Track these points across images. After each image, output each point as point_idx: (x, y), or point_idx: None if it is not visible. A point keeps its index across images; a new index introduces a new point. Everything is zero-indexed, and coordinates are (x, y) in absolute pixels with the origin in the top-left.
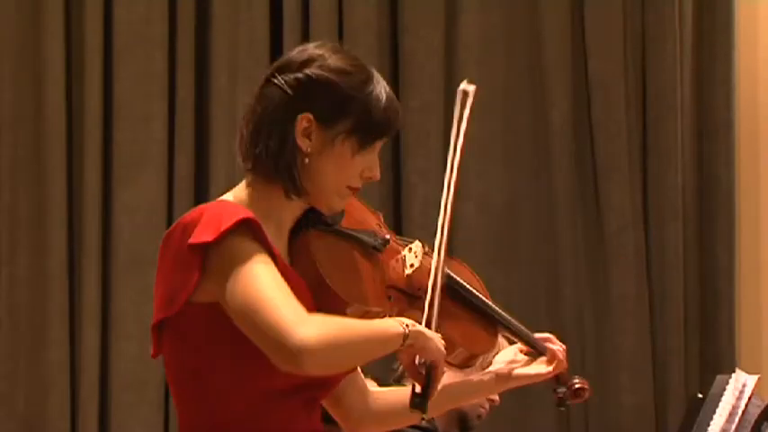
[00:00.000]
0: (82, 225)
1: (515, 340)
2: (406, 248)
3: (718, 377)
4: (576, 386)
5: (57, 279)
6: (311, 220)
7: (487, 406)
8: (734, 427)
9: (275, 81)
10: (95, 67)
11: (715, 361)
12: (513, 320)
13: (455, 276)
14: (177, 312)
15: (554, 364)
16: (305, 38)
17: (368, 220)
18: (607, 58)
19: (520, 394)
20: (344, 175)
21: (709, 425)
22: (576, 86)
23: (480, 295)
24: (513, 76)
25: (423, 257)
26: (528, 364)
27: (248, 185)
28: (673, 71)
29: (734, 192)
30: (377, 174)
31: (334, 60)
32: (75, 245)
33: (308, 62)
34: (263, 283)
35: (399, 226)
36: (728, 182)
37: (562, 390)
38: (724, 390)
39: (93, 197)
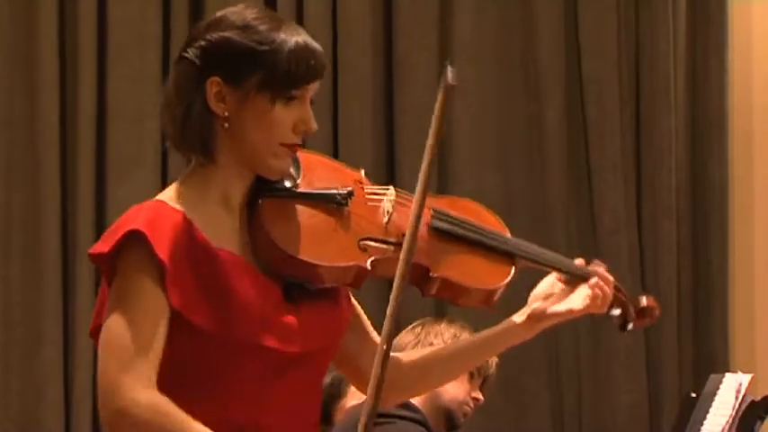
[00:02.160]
0: (76, 224)
1: (546, 269)
2: (381, 197)
3: (712, 376)
4: (644, 305)
5: (50, 278)
6: (263, 189)
7: (472, 404)
8: (727, 426)
9: (184, 54)
10: (89, 66)
11: (709, 360)
12: (532, 247)
13: (444, 211)
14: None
15: (595, 290)
16: None
17: (337, 177)
18: (601, 57)
19: (514, 393)
20: (271, 132)
21: (702, 424)
22: (569, 86)
23: (478, 227)
24: (506, 76)
25: (399, 202)
26: (567, 294)
27: (182, 174)
28: (666, 70)
29: (727, 191)
30: (311, 125)
31: (235, 17)
32: (68, 244)
33: (210, 26)
34: (126, 331)
35: None
36: (722, 181)
37: (617, 311)
38: (717, 389)
39: (86, 196)
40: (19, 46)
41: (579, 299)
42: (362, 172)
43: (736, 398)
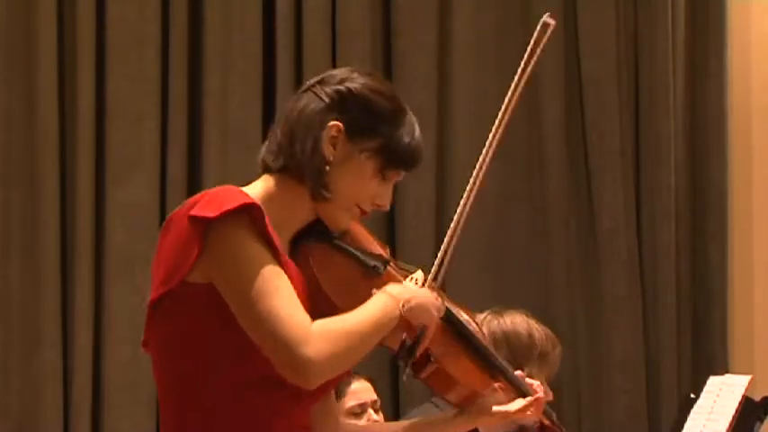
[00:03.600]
0: (74, 225)
1: (502, 379)
2: (408, 278)
3: (711, 378)
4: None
5: (49, 279)
6: (315, 232)
7: None
8: (726, 427)
9: (314, 90)
10: (88, 66)
11: (707, 361)
12: (504, 362)
13: (455, 312)
14: (173, 289)
15: (533, 407)
16: (298, 38)
17: (373, 245)
18: (600, 58)
19: None
20: (359, 193)
21: (701, 426)
22: (569, 87)
23: (478, 335)
24: (505, 77)
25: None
26: (510, 401)
27: (265, 183)
28: (665, 71)
29: (726, 192)
30: (386, 204)
31: (373, 82)
32: (67, 245)
33: (347, 79)
34: (269, 288)
35: (392, 226)
36: (721, 181)
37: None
38: (716, 390)
39: (85, 197)
40: (17, 46)
41: (515, 406)
42: (387, 249)
43: (735, 399)
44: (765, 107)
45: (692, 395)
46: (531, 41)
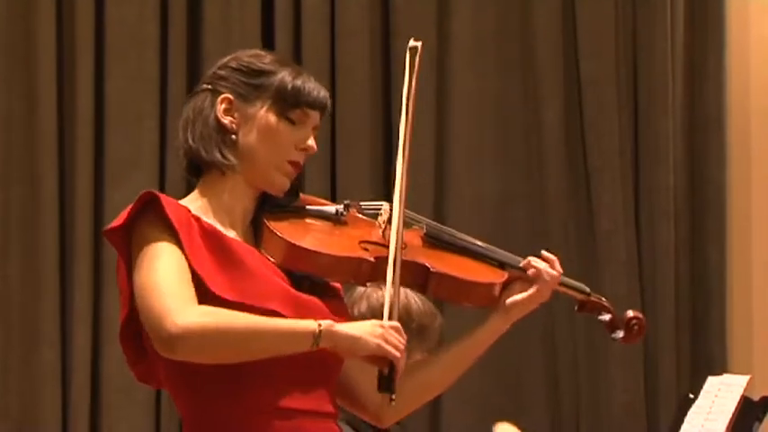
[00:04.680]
0: (74, 225)
1: (511, 269)
2: (375, 211)
3: (709, 378)
4: (629, 316)
5: (48, 279)
6: (266, 206)
7: None
8: (725, 428)
9: (194, 91)
10: (87, 66)
11: (706, 360)
12: (508, 254)
13: (438, 228)
14: (131, 311)
15: (540, 281)
16: (297, 38)
17: (326, 203)
18: (599, 57)
19: (512, 393)
20: (277, 147)
21: (700, 425)
22: (567, 86)
23: (467, 240)
24: (505, 77)
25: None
26: (523, 290)
27: (196, 189)
28: (664, 70)
29: (725, 191)
30: (311, 146)
31: (244, 52)
32: (66, 245)
33: (218, 65)
34: (155, 269)
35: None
36: (719, 180)
37: (607, 317)
38: (715, 390)
39: (84, 197)
40: (17, 46)
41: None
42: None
43: (734, 399)
44: (764, 107)
45: (691, 395)
46: (406, 68)
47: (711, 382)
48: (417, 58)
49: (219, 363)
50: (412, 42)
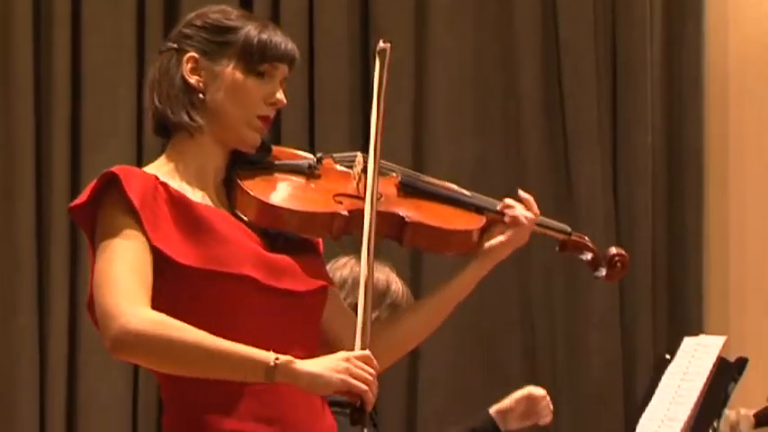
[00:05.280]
0: (50, 192)
1: (489, 213)
2: (350, 162)
3: (686, 339)
4: (612, 253)
5: (25, 246)
6: (238, 164)
7: None
8: (701, 388)
9: (159, 52)
10: (64, 35)
11: (683, 322)
12: (487, 199)
13: (413, 176)
14: None
15: (517, 225)
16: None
17: (300, 156)
18: (577, 21)
19: (488, 354)
20: (245, 102)
21: (676, 386)
22: (546, 51)
23: (444, 185)
24: (483, 42)
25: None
26: (502, 233)
27: (166, 152)
28: (642, 34)
29: (703, 155)
30: (281, 99)
31: (207, 9)
32: (43, 212)
33: (182, 23)
34: (112, 261)
35: None
36: (697, 144)
37: (589, 256)
38: (691, 351)
39: (61, 165)
40: None
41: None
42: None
43: (710, 360)
44: (742, 71)
45: (667, 356)
46: (377, 69)
47: (688, 343)
48: (387, 60)
49: (162, 371)
50: (381, 44)
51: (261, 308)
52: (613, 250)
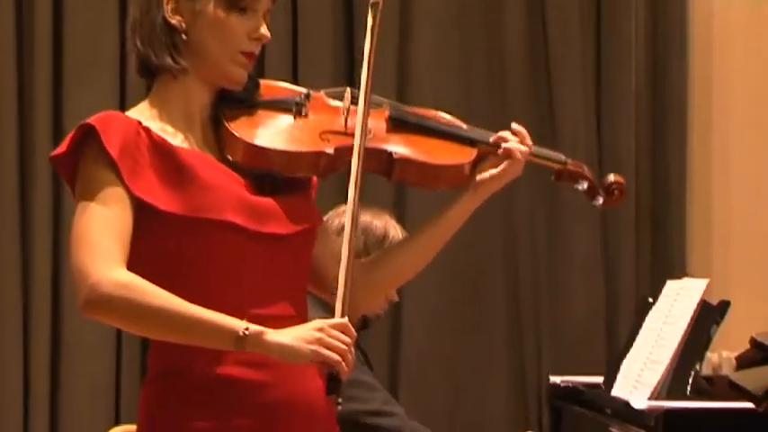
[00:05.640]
0: (33, 128)
1: (481, 146)
2: (338, 98)
3: (669, 282)
4: (610, 181)
5: (8, 191)
6: (225, 102)
7: (386, 306)
8: (684, 331)
9: None
10: None
11: (666, 265)
12: (477, 130)
13: (401, 107)
14: None
15: (510, 157)
16: None
17: (295, 92)
18: None
19: (472, 303)
20: (228, 38)
21: (659, 329)
22: None
23: (434, 119)
24: (468, 67)
25: (356, 102)
26: (495, 165)
27: (151, 95)
28: None
29: (686, 95)
30: (264, 34)
31: None
32: (26, 151)
33: None
34: (89, 217)
35: None
36: (681, 85)
37: (584, 185)
38: (674, 294)
39: (43, 101)
40: None
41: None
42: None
43: (693, 303)
44: (726, 10)
45: (650, 299)
46: (369, 22)
47: (670, 287)
48: (379, 14)
49: (133, 333)
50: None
51: (245, 253)
52: (611, 178)
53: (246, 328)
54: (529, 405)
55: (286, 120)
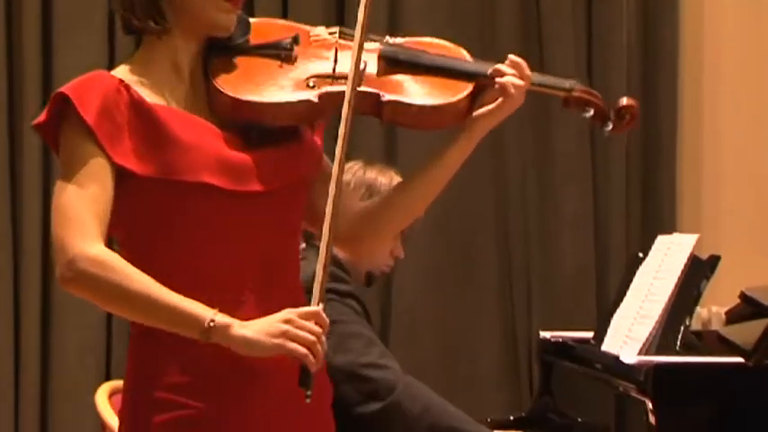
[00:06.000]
0: (22, 85)
1: (480, 79)
2: (327, 38)
3: (659, 237)
4: (622, 104)
5: None
6: (214, 51)
7: (392, 262)
8: (674, 286)
9: None
10: None
11: (656, 221)
12: (475, 63)
13: (395, 42)
14: None
15: (506, 92)
16: None
17: (286, 31)
18: None
19: (463, 259)
20: None
21: (649, 284)
22: None
23: (430, 53)
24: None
25: (346, 42)
26: (494, 97)
27: (136, 54)
28: None
29: (678, 49)
30: None
31: None
32: (15, 113)
33: None
34: (69, 190)
35: None
36: (672, 40)
37: (590, 112)
38: (664, 249)
39: (33, 60)
40: None
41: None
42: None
43: (683, 258)
44: None
45: (640, 254)
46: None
47: (661, 241)
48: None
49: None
50: None
51: (227, 212)
52: (624, 101)
53: (212, 320)
54: (519, 361)
55: (272, 67)
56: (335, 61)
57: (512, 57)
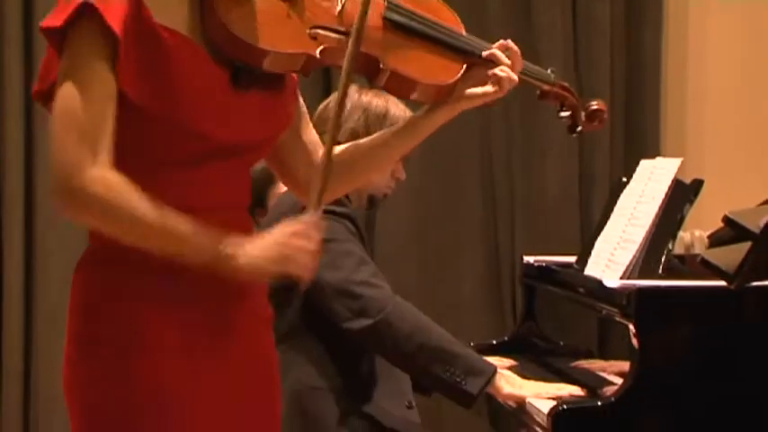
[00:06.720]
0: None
1: (475, 59)
2: None
3: (642, 161)
4: (593, 107)
5: None
6: None
7: (393, 184)
8: (657, 210)
9: None
10: None
11: (639, 145)
12: (472, 41)
13: (399, 3)
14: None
15: (498, 83)
16: None
17: None
18: None
19: (448, 188)
20: None
21: (632, 208)
22: None
23: (432, 22)
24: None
25: None
26: (481, 78)
27: None
28: None
29: None
30: None
31: None
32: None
33: None
34: (80, 99)
35: None
36: None
37: (567, 113)
38: (647, 174)
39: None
40: None
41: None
42: None
43: (666, 182)
44: None
45: (624, 178)
46: None
47: (644, 166)
48: None
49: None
50: None
51: (203, 157)
52: (594, 105)
53: (227, 246)
54: (502, 286)
55: (277, 9)
56: (343, 10)
57: (510, 43)
